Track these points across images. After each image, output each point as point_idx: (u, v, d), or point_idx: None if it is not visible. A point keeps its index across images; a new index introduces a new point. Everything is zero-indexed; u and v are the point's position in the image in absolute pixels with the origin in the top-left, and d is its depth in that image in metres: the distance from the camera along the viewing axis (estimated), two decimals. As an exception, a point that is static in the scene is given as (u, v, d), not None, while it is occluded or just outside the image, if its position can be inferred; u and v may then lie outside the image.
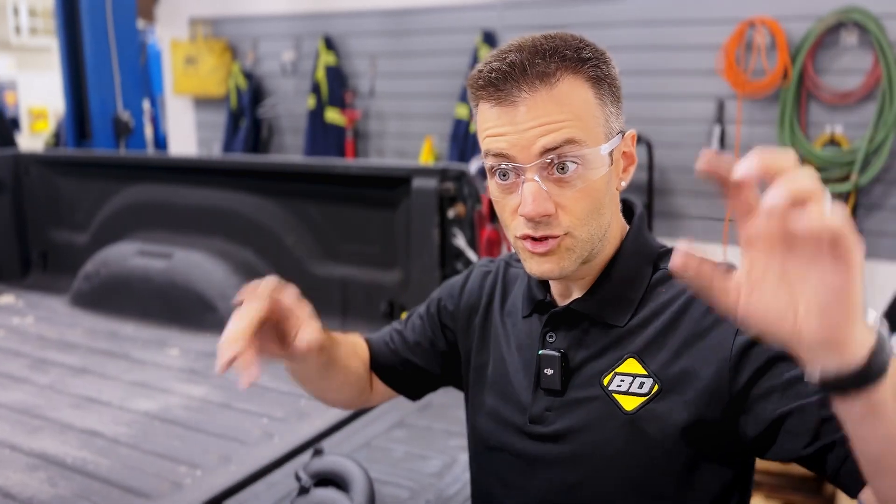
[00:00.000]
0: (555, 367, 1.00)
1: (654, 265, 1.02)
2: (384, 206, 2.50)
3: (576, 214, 0.92)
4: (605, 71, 0.94)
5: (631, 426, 0.94)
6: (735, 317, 0.65)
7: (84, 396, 2.15)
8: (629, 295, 1.00)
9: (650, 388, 0.94)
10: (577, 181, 0.91)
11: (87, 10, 4.11)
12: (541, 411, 1.02)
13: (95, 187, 3.24)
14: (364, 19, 5.16)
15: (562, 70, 0.91)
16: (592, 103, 0.92)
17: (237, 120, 5.71)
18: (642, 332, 0.97)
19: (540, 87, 0.90)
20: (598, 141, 0.92)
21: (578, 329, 1.01)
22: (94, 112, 4.23)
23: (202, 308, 2.70)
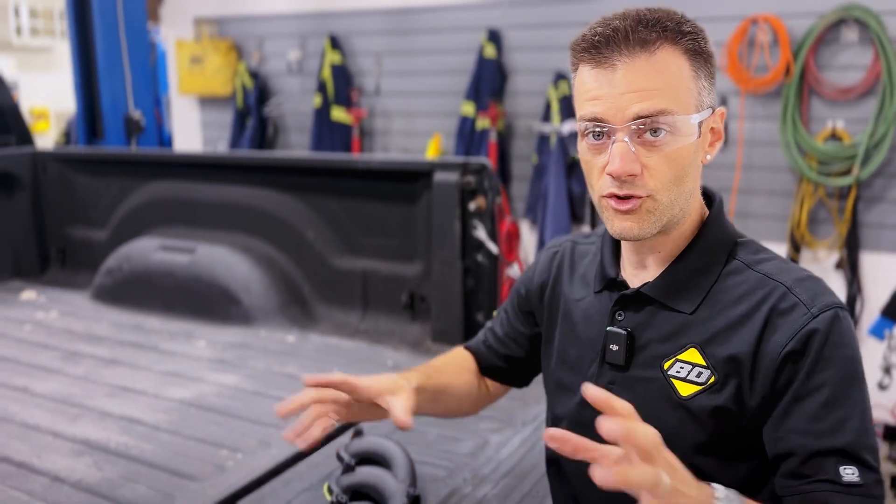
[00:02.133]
0: (620, 344, 1.06)
1: (730, 254, 1.05)
2: (404, 199, 2.57)
3: (659, 178, 0.97)
4: (702, 46, 0.99)
5: (684, 411, 1.01)
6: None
7: (118, 386, 2.20)
8: (700, 282, 1.03)
9: (707, 378, 1.00)
10: (665, 146, 0.96)
11: (99, 10, 4.15)
12: (604, 384, 1.08)
13: (113, 184, 3.29)
14: (369, 18, 5.22)
15: (662, 40, 0.96)
16: (688, 75, 0.97)
17: (243, 119, 5.76)
18: (708, 322, 1.01)
19: (640, 54, 0.95)
20: (689, 111, 0.97)
21: (646, 311, 1.06)
22: (105, 111, 4.27)
23: (227, 301, 2.75)
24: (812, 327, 0.95)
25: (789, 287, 0.98)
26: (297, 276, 2.81)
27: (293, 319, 2.74)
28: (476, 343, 1.41)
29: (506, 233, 2.38)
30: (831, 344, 0.94)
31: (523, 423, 1.91)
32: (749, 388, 0.98)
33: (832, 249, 4.06)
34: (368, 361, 2.38)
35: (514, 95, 4.80)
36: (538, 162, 4.68)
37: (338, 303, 2.74)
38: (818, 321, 0.95)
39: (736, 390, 0.98)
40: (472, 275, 2.41)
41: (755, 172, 4.19)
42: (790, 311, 0.96)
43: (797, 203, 4.05)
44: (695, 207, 1.05)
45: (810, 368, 0.94)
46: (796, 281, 0.99)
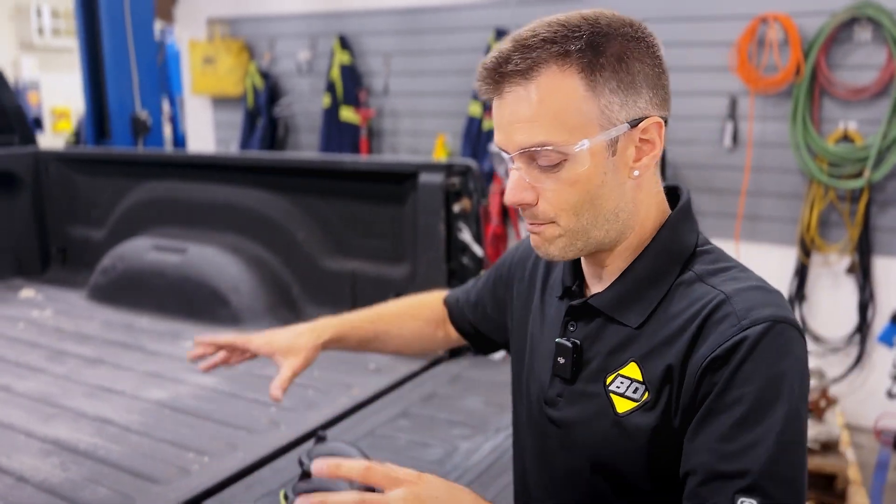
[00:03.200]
0: (567, 357, 1.02)
1: (686, 264, 0.98)
2: (392, 201, 2.54)
3: (559, 205, 0.93)
4: (609, 57, 0.90)
5: (619, 428, 0.96)
6: None
7: (98, 386, 2.20)
8: (648, 294, 0.97)
9: (642, 394, 0.94)
10: (561, 172, 0.91)
11: (106, 11, 4.18)
12: (554, 396, 1.05)
13: (112, 184, 3.30)
14: (378, 18, 5.21)
15: (545, 63, 0.89)
16: (579, 97, 0.89)
17: (254, 119, 5.78)
18: (650, 336, 0.96)
19: (520, 82, 0.90)
20: (583, 135, 0.90)
21: (595, 324, 1.02)
22: (112, 111, 4.30)
23: (215, 302, 2.75)
24: (738, 338, 0.87)
25: (728, 296, 0.91)
26: (287, 277, 2.79)
27: (282, 321, 2.71)
28: (453, 297, 1.44)
29: (491, 235, 2.34)
30: (756, 358, 0.86)
31: (496, 429, 1.87)
32: (676, 402, 0.92)
33: (843, 254, 3.96)
34: (351, 364, 2.35)
35: (521, 96, 4.75)
36: (545, 163, 4.62)
37: (327, 304, 2.72)
38: (747, 332, 0.87)
39: (665, 407, 0.92)
40: (457, 277, 2.38)
41: (764, 174, 4.10)
42: (722, 321, 0.90)
43: (807, 206, 3.96)
44: (642, 220, 0.98)
45: (728, 381, 0.86)
46: (738, 291, 0.92)
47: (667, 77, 0.96)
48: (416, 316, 1.43)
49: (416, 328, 1.42)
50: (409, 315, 1.43)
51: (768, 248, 4.14)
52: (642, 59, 0.92)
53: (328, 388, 2.18)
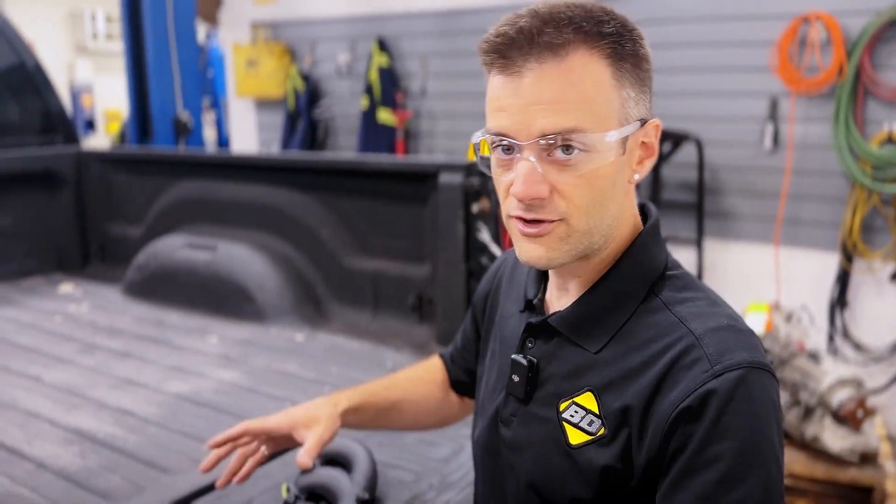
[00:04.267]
0: (521, 375, 0.96)
1: (652, 288, 0.91)
2: (414, 201, 2.55)
3: (574, 202, 0.84)
4: (629, 49, 0.85)
5: (570, 459, 0.90)
6: None
7: (123, 378, 2.26)
8: (611, 319, 0.91)
9: (597, 428, 0.88)
10: (579, 166, 0.83)
11: (150, 15, 4.31)
12: (508, 415, 0.99)
13: (149, 183, 3.39)
14: (417, 21, 5.24)
15: (576, 42, 0.82)
16: (607, 84, 0.83)
17: (294, 121, 5.86)
18: (609, 365, 0.89)
19: (549, 59, 0.82)
20: (607, 126, 0.83)
21: (553, 343, 0.95)
22: (155, 112, 4.43)
23: (242, 298, 2.80)
24: (710, 387, 0.80)
25: (698, 337, 0.84)
26: (311, 275, 2.83)
27: (305, 318, 2.76)
28: (446, 354, 1.35)
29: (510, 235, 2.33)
30: (732, 411, 0.80)
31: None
32: (637, 446, 0.85)
33: (887, 260, 3.83)
34: (368, 362, 2.37)
35: (557, 97, 4.72)
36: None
37: (350, 302, 2.75)
38: (719, 381, 0.80)
39: (624, 447, 0.86)
40: (475, 277, 2.38)
41: (805, 177, 4.00)
42: (691, 365, 0.82)
43: (850, 210, 3.84)
44: (621, 232, 0.91)
45: (705, 437, 0.80)
46: (709, 331, 0.84)
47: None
48: (428, 380, 1.32)
49: (429, 392, 1.31)
50: (421, 379, 1.32)
51: (809, 253, 4.03)
52: (649, 61, 0.88)
53: (344, 384, 2.19)
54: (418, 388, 1.31)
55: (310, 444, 1.15)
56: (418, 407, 1.30)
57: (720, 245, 4.25)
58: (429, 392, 1.32)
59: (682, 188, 4.34)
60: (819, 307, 3.95)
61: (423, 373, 1.35)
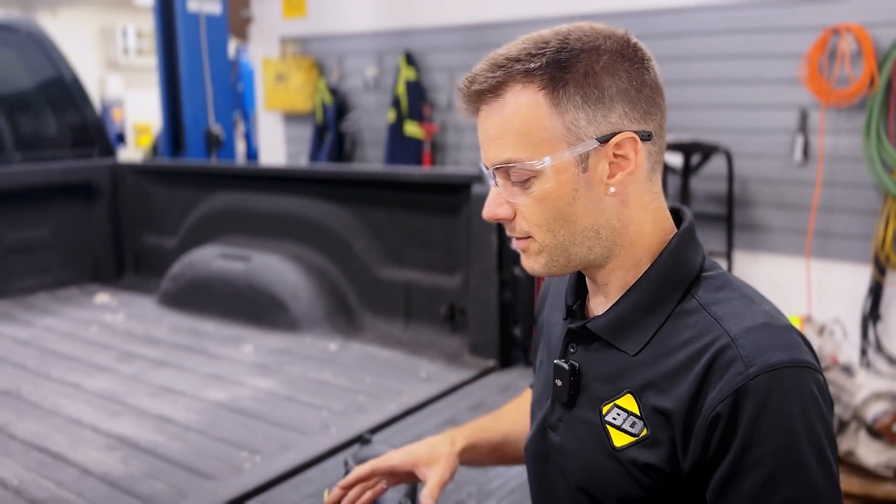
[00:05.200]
0: (564, 380, 0.99)
1: (688, 290, 0.94)
2: (446, 211, 2.57)
3: (532, 221, 0.92)
4: (575, 73, 0.89)
5: (616, 461, 0.92)
6: None
7: (162, 386, 2.30)
8: (647, 321, 0.93)
9: (640, 430, 0.91)
10: (530, 189, 0.91)
11: (183, 31, 4.39)
12: (555, 420, 1.02)
13: (184, 195, 3.45)
14: (444, 35, 5.28)
15: (508, 82, 0.90)
16: (542, 113, 0.89)
17: (322, 134, 5.93)
18: (647, 367, 0.92)
19: (490, 100, 0.91)
20: (543, 153, 0.89)
21: (594, 347, 0.98)
22: (188, 126, 4.50)
23: (276, 308, 2.83)
24: (745, 390, 0.82)
25: (733, 338, 0.86)
26: (344, 286, 2.86)
27: (338, 328, 2.79)
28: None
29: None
30: (768, 412, 0.81)
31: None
32: (682, 449, 0.87)
33: (921, 272, 3.78)
34: (402, 372, 2.39)
35: (584, 110, 4.73)
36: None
37: (382, 313, 2.77)
38: (755, 382, 0.82)
39: (669, 450, 0.88)
40: (508, 288, 2.39)
41: (837, 189, 3.97)
42: (727, 367, 0.84)
43: (882, 222, 3.80)
44: (629, 238, 0.94)
45: (744, 442, 0.82)
46: (745, 330, 0.86)
47: (653, 90, 0.93)
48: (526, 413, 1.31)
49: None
50: (525, 410, 1.29)
51: (841, 266, 3.99)
52: (615, 74, 0.89)
53: (379, 393, 2.23)
54: (525, 418, 1.29)
55: (433, 484, 1.16)
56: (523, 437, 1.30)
57: (750, 257, 4.22)
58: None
59: (712, 200, 4.33)
60: (852, 320, 3.90)
61: (521, 407, 1.34)
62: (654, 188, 0.95)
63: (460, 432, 1.26)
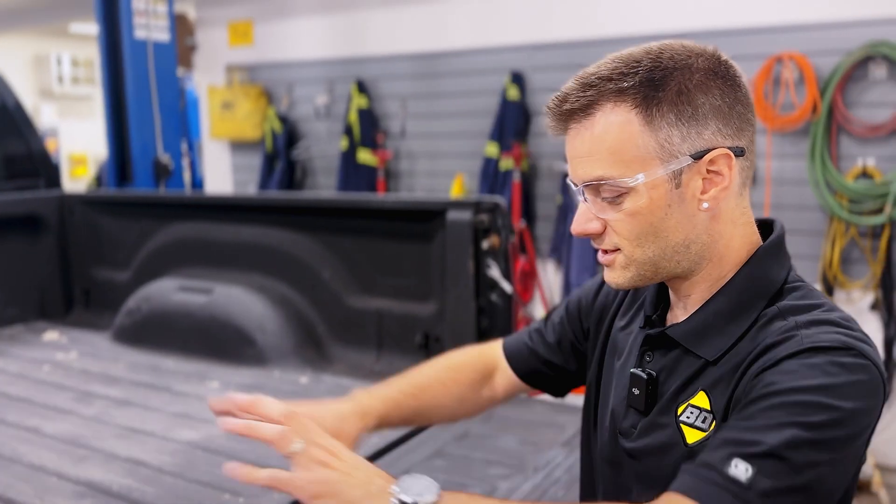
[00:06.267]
0: (641, 388, 1.01)
1: (772, 300, 0.95)
2: (419, 238, 2.55)
3: (623, 235, 0.95)
4: (669, 91, 0.90)
5: (689, 459, 0.92)
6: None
7: (128, 427, 2.19)
8: (728, 329, 0.95)
9: (710, 423, 0.93)
10: (622, 205, 0.93)
11: (130, 59, 4.27)
12: (628, 427, 1.04)
13: (137, 226, 3.33)
14: (395, 63, 5.29)
15: (600, 101, 0.92)
16: (635, 131, 0.91)
17: (272, 162, 5.85)
18: (721, 367, 0.94)
19: (580, 119, 0.94)
20: (636, 170, 0.91)
21: (672, 354, 1.00)
22: (135, 155, 4.36)
23: (241, 342, 2.74)
24: (795, 350, 0.85)
25: (799, 325, 0.89)
26: (313, 316, 2.79)
27: (307, 360, 2.71)
28: (516, 342, 1.33)
29: (520, 272, 2.34)
30: (813, 363, 0.83)
31: (535, 468, 1.85)
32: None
33: (867, 290, 3.93)
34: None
35: (537, 136, 4.80)
36: (562, 202, 4.65)
37: (353, 343, 2.72)
38: (806, 346, 0.85)
39: None
40: (486, 314, 2.37)
41: (784, 212, 4.10)
42: (785, 342, 0.88)
43: (828, 243, 3.95)
44: (721, 252, 0.97)
45: (775, 378, 0.84)
46: (812, 322, 0.89)
47: (745, 106, 0.95)
48: (457, 381, 1.31)
49: (459, 393, 1.30)
50: (450, 380, 1.31)
51: (790, 286, 4.12)
52: (709, 91, 0.91)
53: (359, 427, 2.16)
54: (449, 389, 1.29)
55: None
56: (445, 410, 1.31)
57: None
58: (458, 393, 1.30)
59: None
60: (803, 338, 4.02)
61: (453, 373, 1.32)
62: (744, 203, 0.98)
63: (372, 408, 1.21)
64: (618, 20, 4.42)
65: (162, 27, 4.40)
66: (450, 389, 1.29)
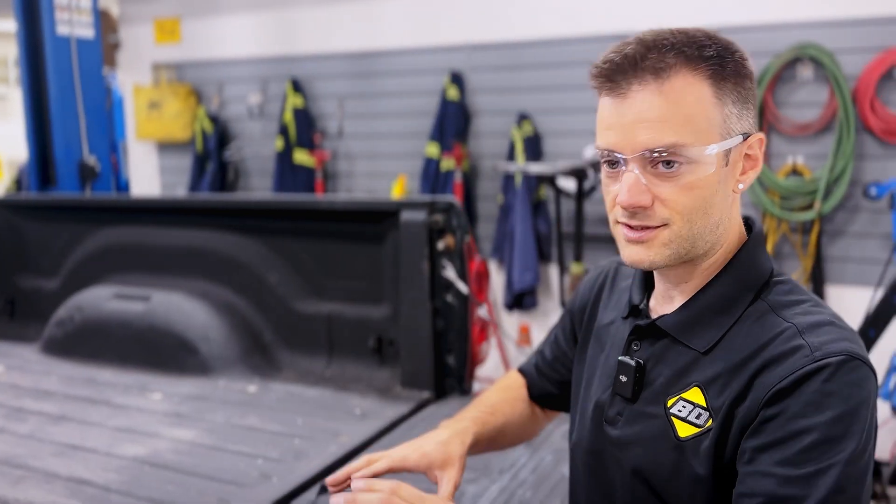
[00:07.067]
0: (629, 376, 1.02)
1: (758, 293, 0.97)
2: (371, 240, 2.49)
3: (676, 209, 0.92)
4: (731, 69, 0.92)
5: (679, 452, 0.95)
6: None
7: (67, 444, 2.06)
8: (718, 321, 0.96)
9: (705, 421, 0.94)
10: (681, 177, 0.91)
11: (52, 56, 4.06)
12: (614, 415, 1.05)
13: (65, 231, 3.16)
14: (331, 62, 5.20)
15: (678, 66, 0.90)
16: (708, 102, 0.90)
17: (203, 163, 5.66)
18: (716, 362, 0.95)
19: (651, 82, 0.90)
20: (707, 140, 0.90)
21: (661, 344, 1.01)
22: (58, 157, 4.15)
23: (183, 351, 2.63)
24: (810, 369, 0.86)
25: (801, 330, 0.90)
26: (259, 323, 2.70)
27: (254, 368, 2.62)
28: (528, 367, 1.37)
29: (475, 272, 2.31)
30: (829, 391, 0.85)
31: (500, 471, 1.82)
32: (741, 432, 0.91)
33: (798, 284, 4.07)
34: (334, 410, 2.27)
35: (478, 136, 4.80)
36: (504, 202, 4.66)
37: (302, 349, 2.64)
38: (820, 364, 0.86)
39: (733, 438, 0.92)
40: (441, 316, 2.34)
41: (719, 209, 4.21)
42: (793, 352, 0.88)
43: (762, 238, 4.06)
44: (728, 239, 0.98)
45: (798, 410, 0.85)
46: (812, 325, 0.91)
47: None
48: (518, 398, 1.34)
49: (522, 410, 1.33)
50: (512, 398, 1.33)
51: (725, 281, 4.23)
52: (751, 79, 0.96)
53: (314, 435, 2.10)
54: (514, 407, 1.33)
55: (447, 492, 1.13)
56: (516, 427, 1.33)
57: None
58: (522, 409, 1.34)
59: (602, 222, 4.47)
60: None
61: (513, 392, 1.36)
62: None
63: (466, 428, 1.22)
64: (557, 21, 4.45)
65: (86, 23, 4.19)
66: (515, 407, 1.32)
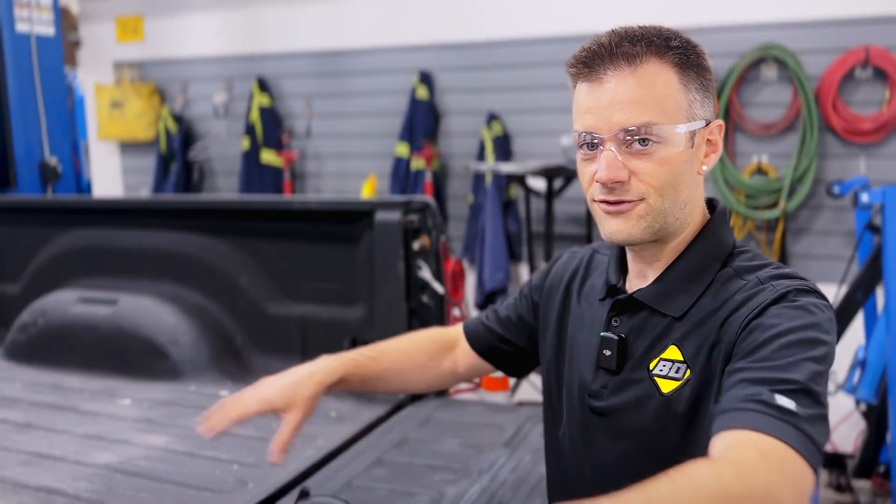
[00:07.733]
0: (612, 349, 1.09)
1: (725, 262, 1.07)
2: (345, 241, 2.47)
3: (651, 183, 1.01)
4: (693, 60, 1.03)
5: (665, 407, 1.04)
6: None
7: (34, 452, 2.00)
8: (690, 288, 1.06)
9: (683, 373, 1.03)
10: (654, 154, 1.00)
11: (11, 54, 3.95)
12: (598, 388, 1.11)
13: (27, 234, 3.08)
14: (298, 61, 5.15)
15: (648, 54, 1.00)
16: (675, 87, 1.01)
17: (167, 164, 5.57)
18: (689, 321, 1.05)
19: (625, 68, 1.00)
20: (676, 120, 1.00)
21: (640, 316, 1.09)
22: (18, 158, 4.04)
23: (153, 355, 2.57)
24: (776, 296, 0.97)
25: (762, 280, 1.02)
26: (231, 326, 2.66)
27: (226, 372, 2.58)
28: (473, 323, 1.42)
29: (451, 272, 2.30)
30: (796, 306, 0.95)
31: (479, 471, 1.81)
32: (718, 371, 0.99)
33: (764, 281, 4.14)
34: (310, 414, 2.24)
35: (447, 136, 4.79)
36: (474, 201, 4.66)
37: (275, 352, 2.60)
38: (783, 292, 0.97)
39: (708, 379, 1.00)
40: (417, 316, 2.32)
41: (687, 207, 4.26)
42: (759, 293, 0.99)
43: (728, 236, 4.12)
44: (693, 219, 1.08)
45: (771, 322, 0.94)
46: (774, 276, 1.02)
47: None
48: (417, 349, 1.41)
49: (418, 361, 1.40)
50: (410, 348, 1.41)
51: (693, 278, 4.28)
52: (710, 72, 1.07)
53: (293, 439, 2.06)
54: (410, 357, 1.40)
55: (284, 437, 1.23)
56: (404, 376, 1.40)
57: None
58: (419, 361, 1.40)
59: (573, 221, 4.51)
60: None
61: (416, 343, 1.43)
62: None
63: (331, 367, 1.31)
64: (526, 21, 4.46)
65: (46, 20, 4.09)
66: (409, 356, 1.39)
